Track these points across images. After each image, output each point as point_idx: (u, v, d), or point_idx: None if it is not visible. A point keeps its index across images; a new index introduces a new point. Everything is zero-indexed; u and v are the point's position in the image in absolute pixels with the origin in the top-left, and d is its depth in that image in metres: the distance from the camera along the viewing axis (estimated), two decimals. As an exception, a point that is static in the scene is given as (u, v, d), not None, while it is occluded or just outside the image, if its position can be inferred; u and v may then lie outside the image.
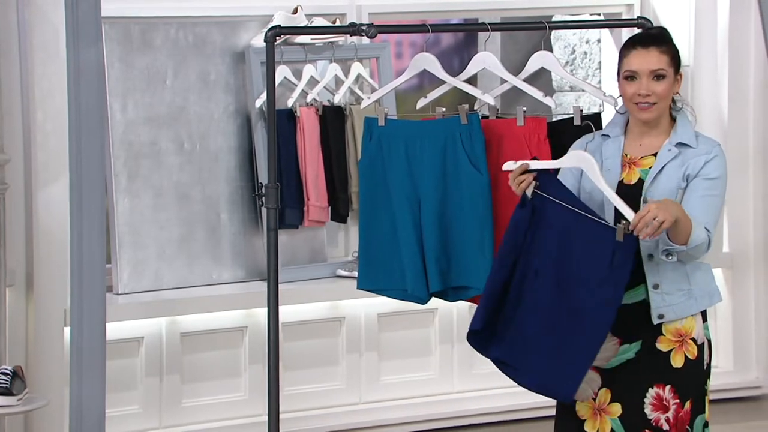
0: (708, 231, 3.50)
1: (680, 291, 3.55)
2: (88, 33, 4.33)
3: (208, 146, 5.30)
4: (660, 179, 3.55)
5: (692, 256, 3.51)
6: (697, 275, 3.57)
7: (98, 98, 4.38)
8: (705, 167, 3.54)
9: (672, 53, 3.56)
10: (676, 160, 3.56)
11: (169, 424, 5.13)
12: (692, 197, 3.52)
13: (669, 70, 3.55)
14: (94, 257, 4.36)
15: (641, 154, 3.59)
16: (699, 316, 3.59)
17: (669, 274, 3.54)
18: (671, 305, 3.54)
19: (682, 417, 3.55)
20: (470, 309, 5.53)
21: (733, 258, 5.87)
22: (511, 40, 6.32)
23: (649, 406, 3.55)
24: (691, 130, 3.59)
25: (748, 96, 5.85)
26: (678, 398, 3.55)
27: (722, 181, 3.57)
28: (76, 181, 4.35)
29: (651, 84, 3.54)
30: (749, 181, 5.87)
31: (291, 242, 5.38)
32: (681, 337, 3.56)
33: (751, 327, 5.90)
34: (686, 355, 3.56)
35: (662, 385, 3.55)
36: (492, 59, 4.23)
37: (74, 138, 4.34)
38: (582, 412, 3.58)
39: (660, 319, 3.54)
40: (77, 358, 4.36)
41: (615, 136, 3.64)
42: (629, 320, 3.55)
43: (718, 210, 3.55)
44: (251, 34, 5.35)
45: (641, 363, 3.56)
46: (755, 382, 5.92)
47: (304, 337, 5.34)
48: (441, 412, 5.48)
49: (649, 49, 3.54)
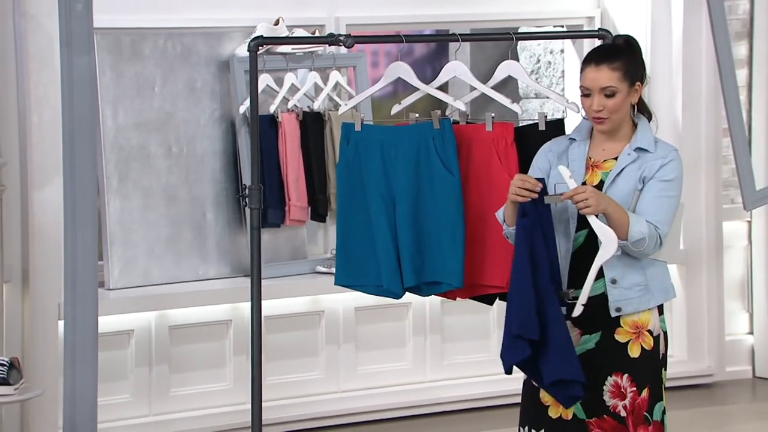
0: (658, 229, 3.50)
1: (637, 286, 3.55)
2: (81, 43, 4.29)
3: (194, 150, 5.27)
4: (618, 181, 3.55)
5: (640, 251, 3.51)
6: (652, 271, 3.57)
7: (90, 104, 4.34)
8: (661, 170, 3.54)
9: (625, 68, 3.54)
10: (635, 163, 3.56)
11: (158, 411, 5.10)
12: (646, 197, 3.53)
13: (620, 85, 3.53)
14: (87, 255, 4.33)
15: (604, 157, 3.60)
16: (655, 309, 3.59)
17: (626, 270, 3.54)
18: (628, 299, 3.54)
19: (639, 404, 3.55)
20: (442, 303, 5.52)
21: (688, 254, 5.87)
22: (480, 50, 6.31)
23: (608, 393, 3.55)
24: (651, 136, 3.59)
25: (700, 102, 5.86)
26: (635, 386, 3.55)
27: (677, 183, 3.57)
28: (69, 183, 4.31)
29: (602, 100, 3.53)
30: (702, 182, 5.87)
31: (273, 240, 5.35)
32: (638, 329, 3.56)
33: (704, 319, 5.90)
34: (643, 346, 3.56)
35: (620, 373, 3.54)
36: (462, 68, 4.22)
37: (68, 142, 4.30)
38: (546, 399, 3.58)
39: (618, 312, 3.54)
40: (71, 350, 4.32)
41: (580, 140, 3.64)
42: (589, 313, 3.54)
43: (672, 210, 3.55)
44: (235, 44, 5.32)
45: (601, 353, 3.55)
46: (707, 370, 5.93)
47: (286, 330, 5.31)
48: (415, 400, 5.46)
49: (600, 66, 3.53)
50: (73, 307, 4.35)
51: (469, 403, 5.48)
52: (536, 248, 3.47)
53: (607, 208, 3.46)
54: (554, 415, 3.56)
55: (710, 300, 5.90)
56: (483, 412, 5.41)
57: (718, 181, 5.89)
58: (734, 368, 6.00)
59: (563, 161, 3.59)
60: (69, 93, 4.29)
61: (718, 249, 5.90)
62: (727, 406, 5.72)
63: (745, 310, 6.08)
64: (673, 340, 5.91)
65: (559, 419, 3.55)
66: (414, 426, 5.39)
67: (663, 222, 3.51)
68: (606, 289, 3.54)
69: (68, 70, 4.28)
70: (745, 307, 6.08)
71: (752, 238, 6.05)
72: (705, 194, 5.87)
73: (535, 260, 3.47)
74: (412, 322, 5.52)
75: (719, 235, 5.91)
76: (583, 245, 3.56)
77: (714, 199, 5.89)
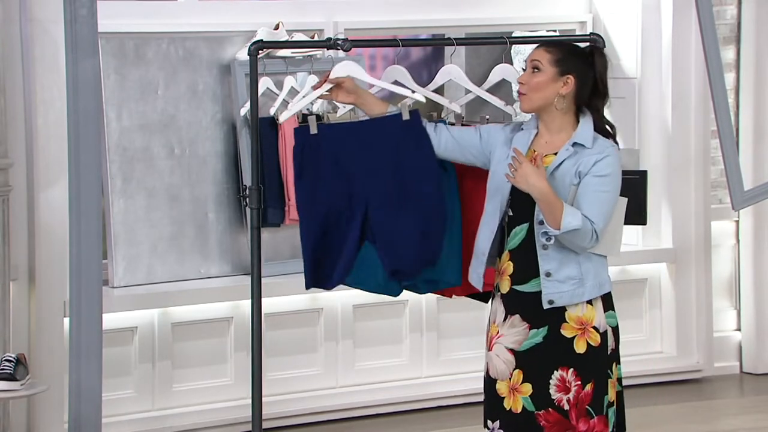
0: (593, 223, 3.49)
1: (571, 280, 3.54)
2: (86, 47, 4.29)
3: (196, 151, 5.26)
4: (556, 175, 3.55)
5: (574, 243, 3.50)
6: (587, 266, 3.56)
7: (95, 107, 4.34)
8: (596, 166, 3.54)
9: (559, 56, 3.56)
10: (572, 158, 3.56)
11: (161, 406, 5.09)
12: (582, 192, 3.53)
13: (548, 67, 3.55)
14: (92, 253, 4.33)
15: (546, 151, 3.61)
16: (599, 305, 3.58)
17: (562, 263, 3.54)
18: (561, 292, 3.54)
19: (582, 398, 3.55)
20: (438, 300, 5.52)
21: (677, 253, 5.87)
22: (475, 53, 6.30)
23: (554, 387, 3.56)
24: (590, 133, 3.58)
25: (689, 105, 5.85)
26: (579, 381, 3.55)
27: (612, 179, 3.55)
28: (74, 184, 4.31)
29: (527, 75, 3.57)
30: (690, 182, 5.87)
31: (273, 239, 5.34)
32: (583, 325, 3.56)
33: (693, 316, 5.90)
34: (589, 342, 3.56)
35: (566, 368, 3.55)
36: (457, 71, 4.22)
37: (73, 143, 4.30)
38: (501, 390, 3.60)
39: (550, 305, 3.54)
40: (76, 347, 4.32)
41: (527, 129, 3.65)
42: (534, 307, 3.56)
43: (608, 205, 3.53)
44: (236, 48, 5.32)
45: (548, 347, 3.56)
46: (696, 366, 5.92)
47: (285, 327, 5.31)
48: (411, 395, 5.46)
49: (539, 48, 3.58)
50: (78, 304, 4.34)
51: (465, 398, 5.48)
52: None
53: (531, 189, 3.45)
54: (507, 406, 3.59)
55: (699, 297, 5.89)
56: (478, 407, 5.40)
57: (706, 181, 5.89)
58: (722, 364, 6.00)
59: (509, 145, 3.61)
60: (74, 96, 4.29)
61: (706, 248, 5.90)
62: (716, 400, 5.72)
63: (733, 308, 6.08)
64: (662, 336, 5.91)
65: (510, 411, 3.57)
66: (410, 420, 5.39)
67: (597, 216, 3.50)
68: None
69: (73, 74, 4.28)
70: (733, 305, 6.08)
71: (740, 237, 6.05)
72: (694, 194, 5.87)
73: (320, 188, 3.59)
74: (409, 319, 5.52)
75: (708, 235, 5.91)
76: (524, 240, 3.56)
77: (703, 199, 5.89)
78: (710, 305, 5.92)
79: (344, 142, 3.86)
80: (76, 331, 4.32)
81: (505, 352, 3.59)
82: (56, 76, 4.76)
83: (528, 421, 3.55)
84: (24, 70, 4.78)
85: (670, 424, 5.33)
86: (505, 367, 3.59)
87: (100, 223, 4.43)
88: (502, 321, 3.61)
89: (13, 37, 4.75)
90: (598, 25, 5.92)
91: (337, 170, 3.87)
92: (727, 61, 5.92)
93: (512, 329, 3.59)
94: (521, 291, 3.57)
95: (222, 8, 5.36)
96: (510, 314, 3.60)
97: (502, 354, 3.59)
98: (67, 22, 4.27)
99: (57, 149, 4.79)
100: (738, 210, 5.77)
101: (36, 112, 4.80)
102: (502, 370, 3.59)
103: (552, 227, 3.48)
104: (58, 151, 4.77)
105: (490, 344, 3.64)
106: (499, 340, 3.61)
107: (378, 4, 5.59)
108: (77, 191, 4.31)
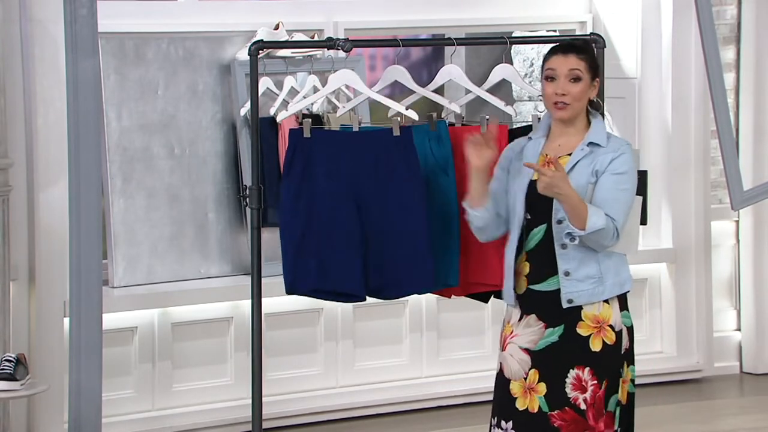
0: (614, 220, 3.49)
1: (590, 279, 3.54)
2: (86, 47, 4.29)
3: (196, 151, 5.26)
4: (572, 175, 3.54)
5: (597, 242, 3.50)
6: (608, 264, 3.56)
7: (95, 107, 4.33)
8: (612, 163, 3.54)
9: (589, 61, 3.57)
10: (588, 158, 3.55)
11: (161, 406, 5.09)
12: (600, 190, 3.53)
13: (585, 74, 3.55)
14: (92, 253, 4.32)
15: (559, 153, 3.59)
16: (616, 304, 3.58)
17: (581, 262, 3.53)
18: (580, 291, 3.53)
19: (600, 397, 3.54)
20: (438, 301, 5.51)
21: (677, 253, 5.86)
22: (475, 53, 6.30)
23: (570, 386, 3.54)
24: (604, 131, 3.59)
25: (689, 105, 5.85)
26: (596, 380, 3.54)
27: (629, 176, 3.55)
28: (74, 184, 4.30)
29: (567, 85, 3.54)
30: (690, 182, 5.87)
31: (273, 239, 5.33)
32: (599, 324, 3.55)
33: (693, 316, 5.90)
34: (604, 341, 3.55)
35: (582, 367, 3.54)
36: (457, 71, 4.22)
37: (73, 143, 4.30)
38: (515, 391, 3.58)
39: (569, 304, 3.53)
40: (76, 347, 4.32)
41: (536, 138, 3.64)
42: (551, 306, 3.54)
43: (626, 203, 3.54)
44: (236, 48, 5.31)
45: (563, 346, 3.55)
46: (696, 366, 5.92)
47: (285, 327, 5.30)
48: (411, 395, 5.46)
49: (568, 55, 3.56)
50: (78, 304, 4.34)
51: (464, 398, 5.47)
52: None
53: (558, 196, 3.45)
54: (521, 407, 3.57)
55: (699, 297, 5.89)
56: (477, 406, 5.40)
57: (706, 181, 5.88)
58: (722, 364, 5.99)
59: (520, 159, 3.60)
60: (74, 96, 4.28)
61: (706, 248, 5.90)
62: (715, 400, 5.72)
63: (732, 308, 6.08)
64: (662, 336, 5.91)
65: (525, 411, 3.55)
66: (410, 420, 5.39)
67: (618, 214, 3.51)
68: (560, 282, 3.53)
69: (73, 74, 4.27)
70: (733, 305, 6.08)
71: (740, 237, 6.04)
72: (694, 194, 5.86)
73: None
74: (409, 320, 5.51)
75: (708, 235, 5.90)
76: (542, 240, 3.56)
77: (702, 199, 5.88)
78: (710, 305, 5.91)
79: (335, 149, 3.87)
80: (76, 331, 4.31)
81: (519, 351, 3.57)
82: (56, 76, 4.75)
83: (542, 421, 3.54)
84: (24, 70, 4.77)
85: (670, 424, 5.33)
86: (519, 367, 3.56)
87: (100, 223, 4.42)
88: (517, 321, 3.60)
89: (13, 37, 4.74)
90: (598, 25, 5.92)
91: (325, 176, 3.88)
92: (727, 61, 5.91)
93: (528, 329, 3.57)
94: (538, 290, 3.56)
95: (222, 8, 5.36)
96: (526, 314, 3.58)
97: (516, 354, 3.57)
98: (67, 22, 4.26)
99: (57, 149, 4.78)
100: (738, 210, 5.76)
101: (36, 112, 4.79)
102: (516, 370, 3.57)
103: (577, 228, 3.47)
104: (58, 151, 4.77)
105: (504, 344, 3.61)
106: (514, 339, 3.58)
107: (378, 4, 5.59)
108: (77, 191, 4.31)
